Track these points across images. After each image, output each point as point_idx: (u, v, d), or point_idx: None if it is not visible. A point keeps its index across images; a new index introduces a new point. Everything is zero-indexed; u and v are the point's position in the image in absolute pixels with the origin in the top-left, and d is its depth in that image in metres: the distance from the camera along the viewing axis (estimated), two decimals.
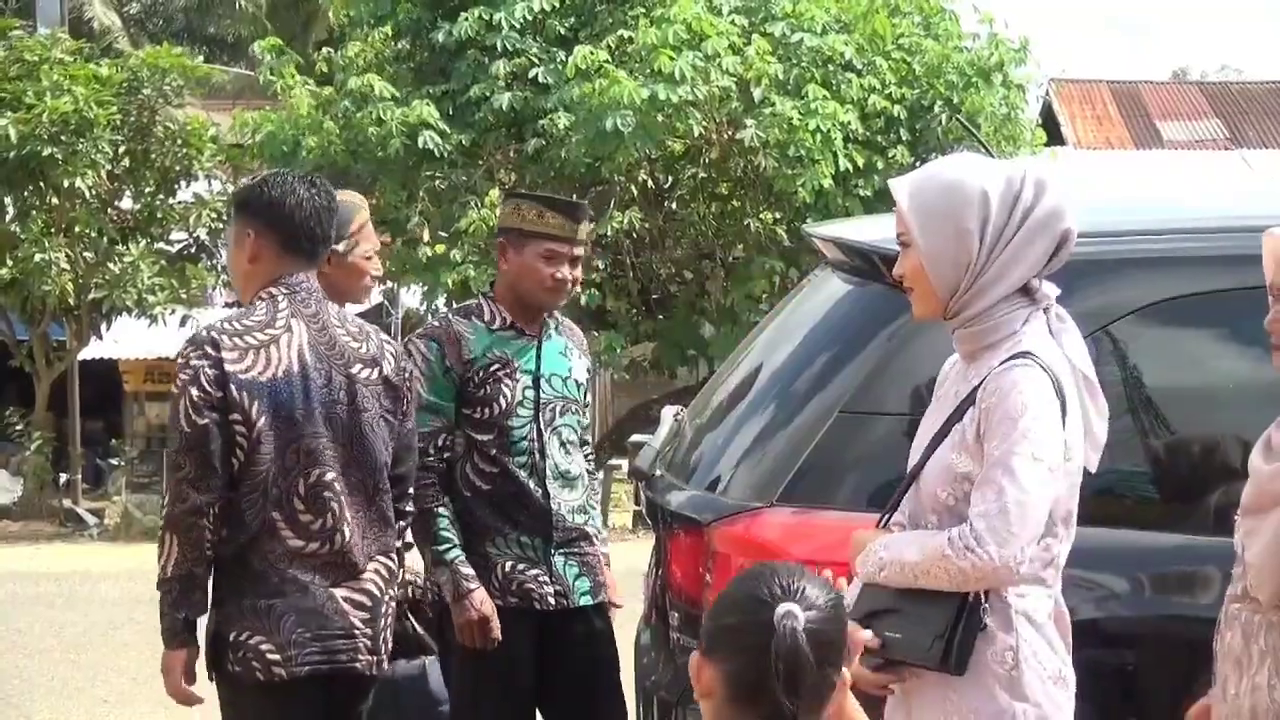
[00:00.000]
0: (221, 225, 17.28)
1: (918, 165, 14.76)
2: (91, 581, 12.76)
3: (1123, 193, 5.77)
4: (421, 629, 5.17)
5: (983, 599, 3.16)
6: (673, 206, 17.37)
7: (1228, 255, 3.91)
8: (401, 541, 4.46)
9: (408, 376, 4.39)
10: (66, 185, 16.24)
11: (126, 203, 17.75)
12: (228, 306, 21.31)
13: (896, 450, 3.68)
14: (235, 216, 4.40)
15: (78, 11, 27.70)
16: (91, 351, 19.51)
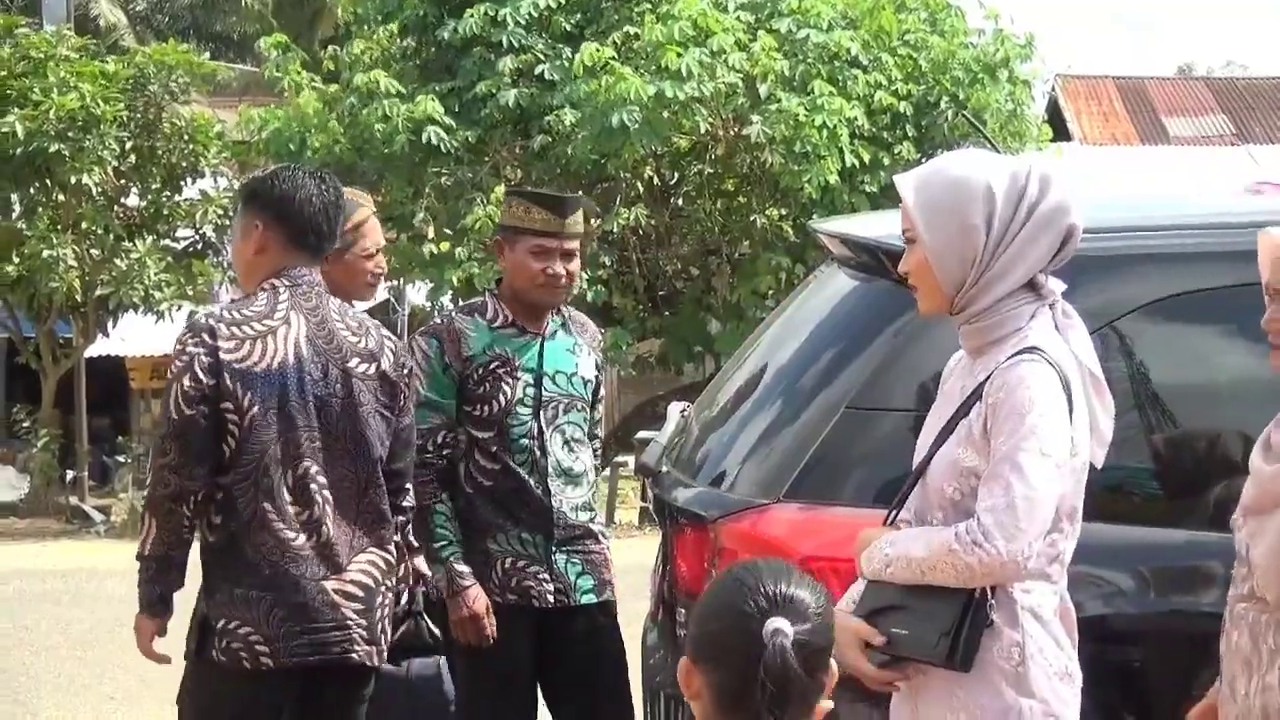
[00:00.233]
0: (228, 222, 17.28)
1: (923, 161, 14.75)
2: (98, 578, 12.77)
3: (1128, 188, 5.76)
4: (438, 629, 5.18)
5: (989, 595, 3.16)
6: (679, 203, 17.37)
7: (1233, 251, 3.90)
8: (402, 536, 4.46)
9: (406, 372, 4.40)
10: (73, 182, 16.25)
11: (133, 199, 17.76)
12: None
13: (902, 446, 3.67)
14: (243, 208, 4.42)
15: (83, 9, 27.72)
16: (98, 348, 19.54)
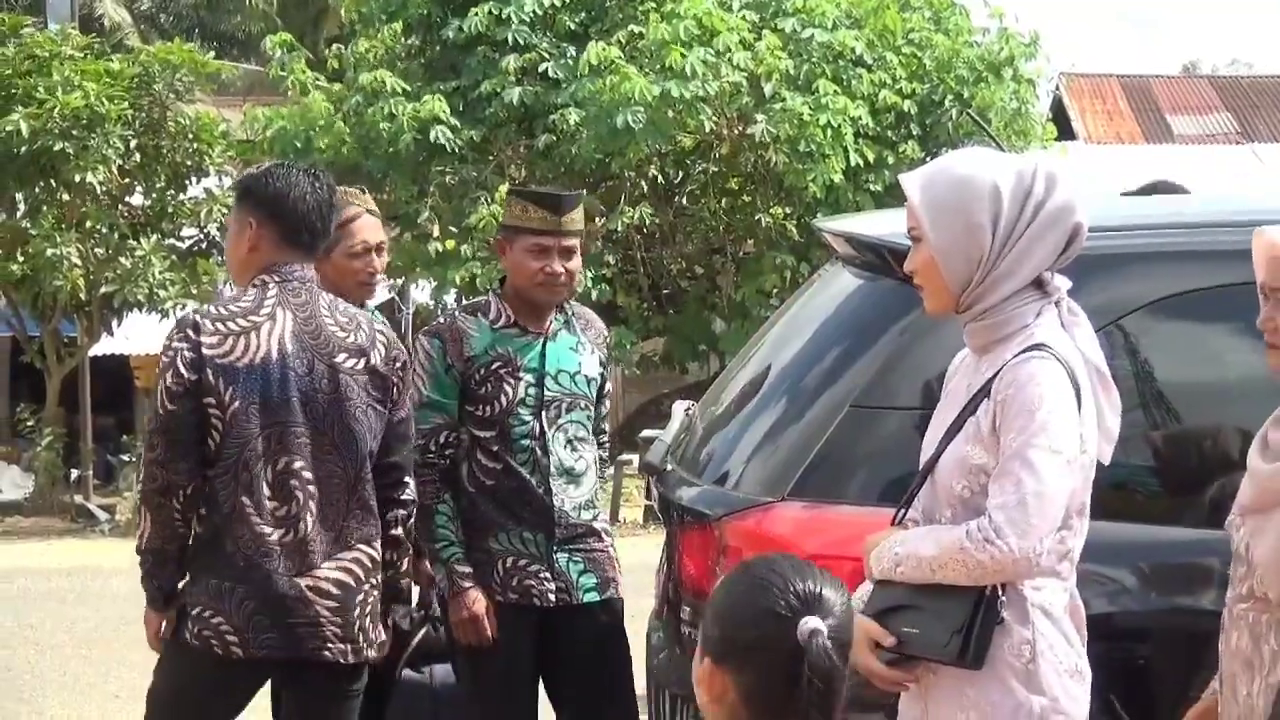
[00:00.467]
0: None
1: (928, 160, 14.73)
2: (103, 577, 12.77)
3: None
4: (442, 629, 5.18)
5: (1000, 592, 3.16)
6: (683, 202, 17.37)
7: (1238, 250, 3.90)
8: (405, 530, 4.46)
9: (399, 367, 4.39)
10: (78, 180, 16.24)
11: (137, 198, 17.75)
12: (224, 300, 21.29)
13: (908, 445, 3.68)
14: (237, 205, 4.46)
15: (88, 8, 27.73)
16: (103, 347, 19.53)
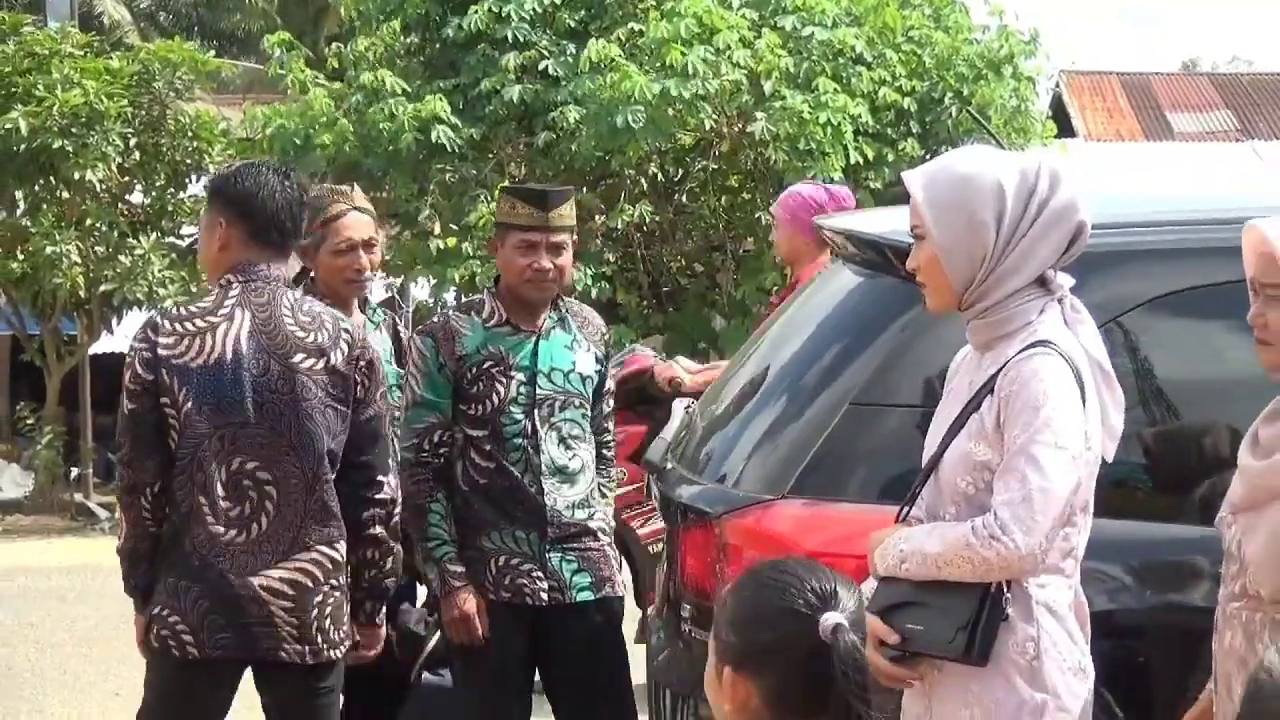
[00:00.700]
0: None
1: (928, 158, 14.73)
2: (103, 575, 12.73)
3: (1133, 184, 5.76)
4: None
5: (1005, 589, 3.16)
6: (683, 199, 17.34)
7: (1238, 247, 3.90)
8: (385, 528, 4.42)
9: (362, 366, 4.36)
10: (77, 178, 16.23)
11: (137, 196, 17.74)
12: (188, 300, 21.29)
13: (908, 442, 3.68)
14: (208, 204, 4.48)
15: (87, 6, 27.71)
16: (102, 346, 19.51)
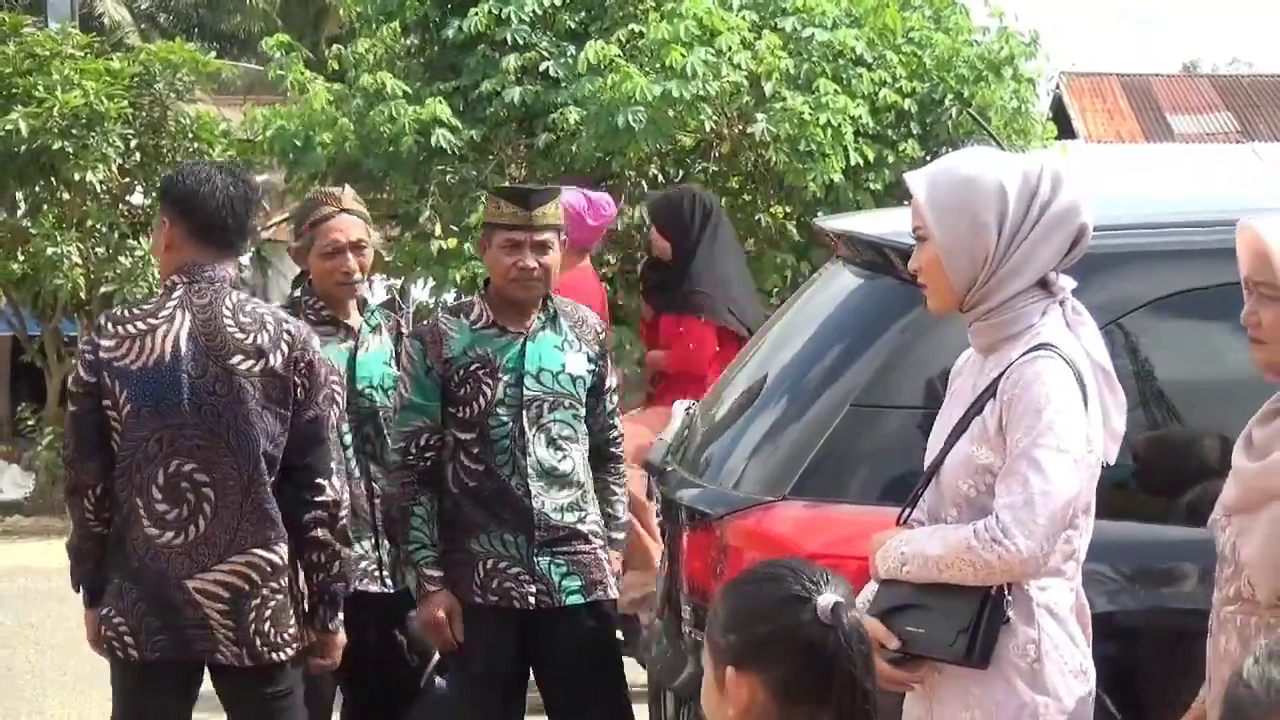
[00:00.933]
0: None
1: (928, 159, 14.71)
2: None
3: (1134, 186, 5.76)
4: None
5: (1006, 592, 3.16)
6: None
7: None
8: (330, 530, 4.35)
9: (302, 368, 4.33)
10: (78, 179, 16.22)
11: (138, 197, 17.73)
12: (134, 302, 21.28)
13: (909, 444, 3.68)
14: (160, 205, 4.49)
15: (88, 7, 27.70)
16: None
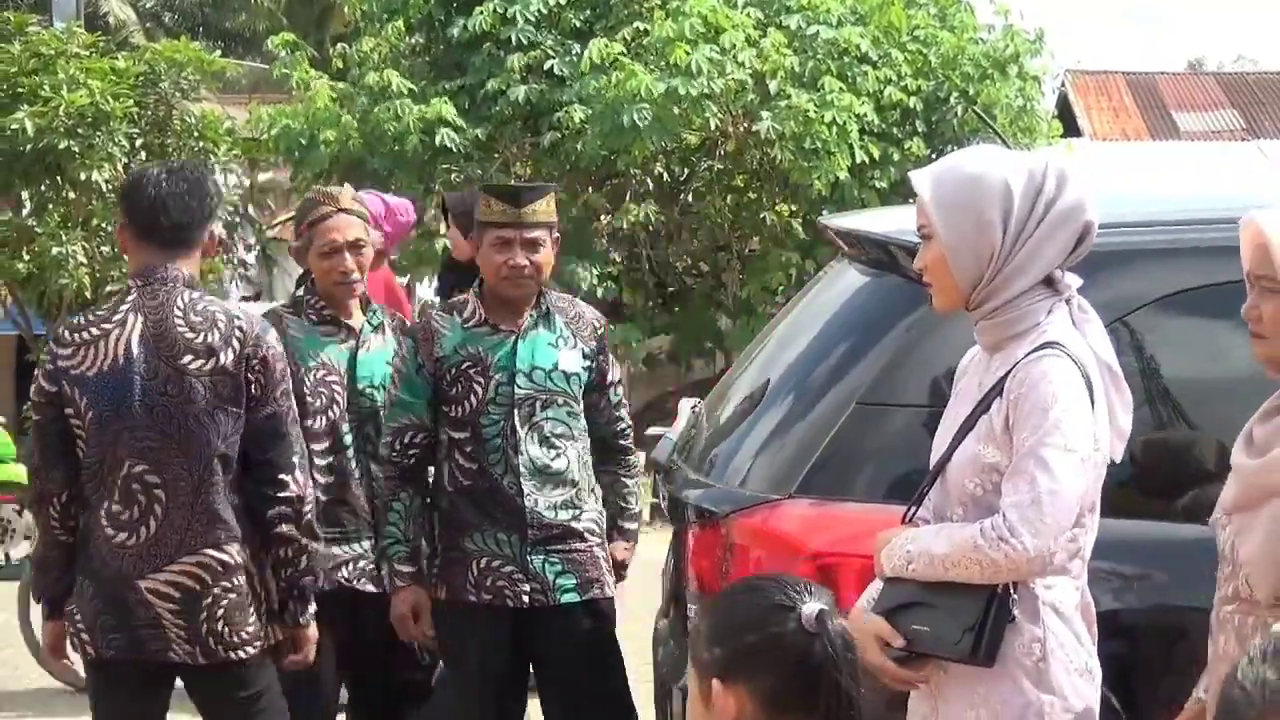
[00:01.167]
0: (237, 219, 17.37)
1: (934, 157, 14.70)
2: None
3: (1139, 183, 5.76)
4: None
5: (1012, 590, 3.16)
6: (688, 199, 17.34)
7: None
8: (297, 526, 4.32)
9: (254, 365, 4.30)
10: (83, 179, 16.23)
11: None
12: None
13: (914, 441, 3.68)
14: None
15: (93, 6, 27.72)
16: None
